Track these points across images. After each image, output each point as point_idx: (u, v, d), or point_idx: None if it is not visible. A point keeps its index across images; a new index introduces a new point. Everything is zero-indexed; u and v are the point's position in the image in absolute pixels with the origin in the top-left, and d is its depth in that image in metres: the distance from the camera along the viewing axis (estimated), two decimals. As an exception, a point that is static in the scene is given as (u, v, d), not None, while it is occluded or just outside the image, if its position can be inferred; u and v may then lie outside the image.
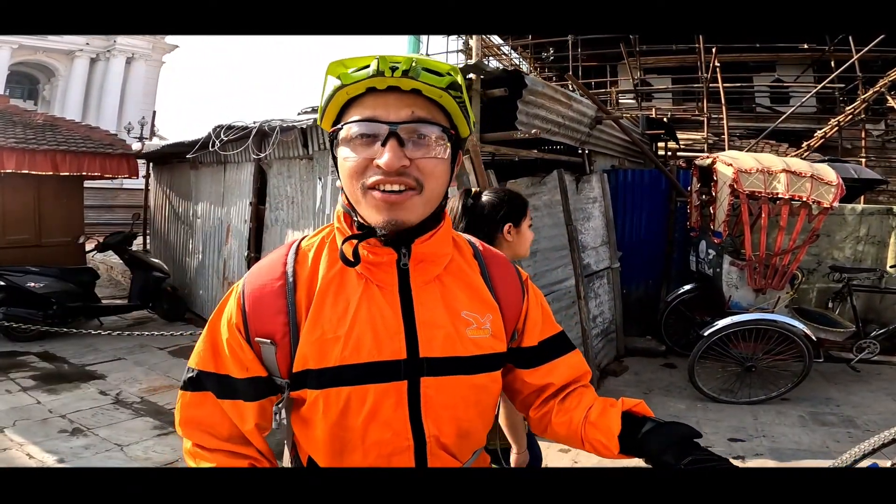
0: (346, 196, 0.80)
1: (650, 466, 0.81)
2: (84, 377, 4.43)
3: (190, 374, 0.85)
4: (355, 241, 0.78)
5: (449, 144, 0.78)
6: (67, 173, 6.06)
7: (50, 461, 3.05)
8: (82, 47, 22.82)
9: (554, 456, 3.13)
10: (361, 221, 0.80)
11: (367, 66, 0.73)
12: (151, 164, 8.15)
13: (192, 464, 0.85)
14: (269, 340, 0.80)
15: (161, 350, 5.18)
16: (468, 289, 0.87)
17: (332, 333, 0.79)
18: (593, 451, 0.87)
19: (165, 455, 3.20)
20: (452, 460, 0.86)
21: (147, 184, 8.41)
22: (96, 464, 3.04)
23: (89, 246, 6.67)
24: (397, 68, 0.72)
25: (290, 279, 0.82)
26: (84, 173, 6.25)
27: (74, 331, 4.29)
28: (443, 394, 0.82)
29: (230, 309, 0.84)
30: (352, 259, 0.78)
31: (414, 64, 0.73)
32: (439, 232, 0.84)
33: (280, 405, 0.84)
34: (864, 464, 2.04)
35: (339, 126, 0.77)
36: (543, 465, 3.00)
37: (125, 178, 6.86)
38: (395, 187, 0.74)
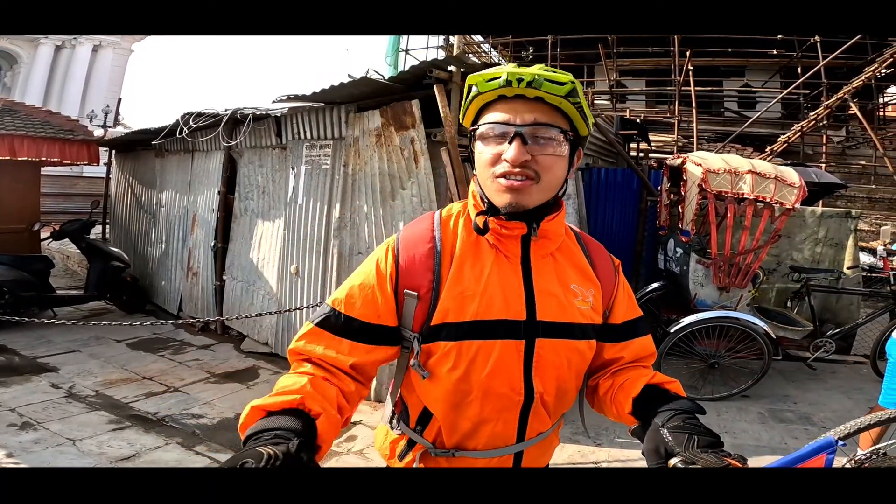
0: (478, 180, 0.95)
1: (637, 430, 0.92)
2: (35, 370, 4.23)
3: (324, 311, 0.97)
4: (485, 216, 0.94)
5: (566, 143, 0.90)
6: (25, 158, 5.79)
7: (-4, 456, 2.90)
8: (48, 34, 21.81)
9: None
10: (490, 201, 0.94)
11: (499, 78, 0.87)
12: (114, 152, 7.87)
13: (289, 375, 0.91)
14: (415, 293, 0.94)
15: (119, 342, 4.98)
16: (575, 267, 1.01)
17: (470, 291, 0.93)
18: (616, 412, 0.99)
19: (122, 450, 3.07)
20: (546, 419, 1.00)
21: (108, 171, 8.11)
22: (47, 458, 2.92)
23: (45, 234, 6.41)
24: (523, 80, 0.86)
25: (438, 245, 0.96)
26: (43, 159, 6.00)
27: (27, 321, 4.07)
28: (552, 354, 0.95)
29: (382, 261, 0.97)
30: (482, 228, 0.94)
31: (537, 76, 0.86)
32: (559, 216, 0.97)
33: (416, 359, 0.94)
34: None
35: (476, 125, 0.93)
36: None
37: (85, 164, 6.60)
38: (518, 178, 0.88)
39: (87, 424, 3.36)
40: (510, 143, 0.87)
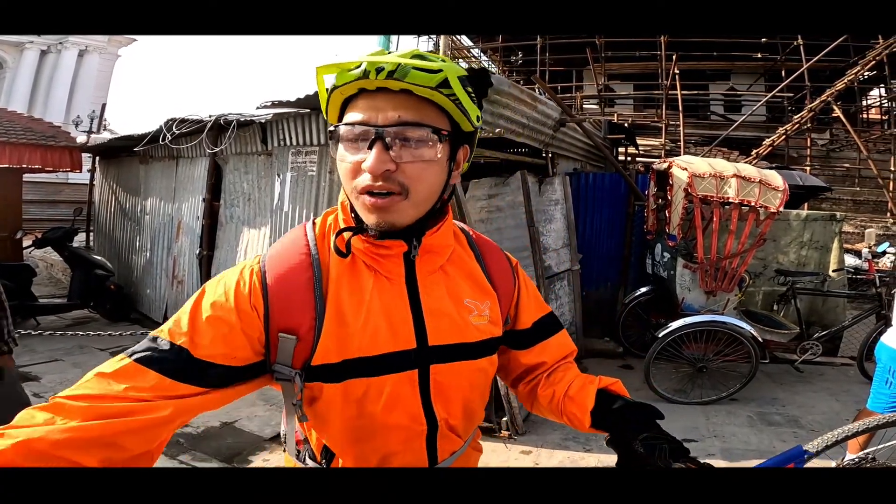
0: (346, 191, 0.81)
1: (611, 441, 0.89)
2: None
3: (151, 344, 0.73)
4: (350, 234, 0.80)
5: (441, 144, 0.77)
6: (6, 165, 5.72)
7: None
8: (33, 39, 21.56)
9: (516, 458, 3.11)
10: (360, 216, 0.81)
11: (358, 68, 0.74)
12: (98, 159, 7.77)
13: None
14: (293, 336, 0.78)
15: (102, 351, 4.90)
16: (468, 278, 0.91)
17: (352, 326, 0.80)
18: (569, 423, 0.95)
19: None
20: (457, 440, 0.92)
21: (92, 178, 8.00)
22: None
23: (27, 242, 6.30)
24: (383, 69, 0.72)
25: (318, 272, 0.81)
26: (24, 165, 5.91)
27: (7, 331, 3.99)
28: (451, 378, 0.87)
29: (244, 294, 0.78)
30: (344, 251, 0.80)
31: (402, 64, 0.72)
32: (444, 225, 0.86)
33: (300, 401, 0.81)
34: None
35: (334, 126, 0.78)
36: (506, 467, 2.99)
37: (68, 171, 6.51)
38: (382, 192, 0.75)
39: (68, 438, 3.29)
40: (370, 148, 0.73)
